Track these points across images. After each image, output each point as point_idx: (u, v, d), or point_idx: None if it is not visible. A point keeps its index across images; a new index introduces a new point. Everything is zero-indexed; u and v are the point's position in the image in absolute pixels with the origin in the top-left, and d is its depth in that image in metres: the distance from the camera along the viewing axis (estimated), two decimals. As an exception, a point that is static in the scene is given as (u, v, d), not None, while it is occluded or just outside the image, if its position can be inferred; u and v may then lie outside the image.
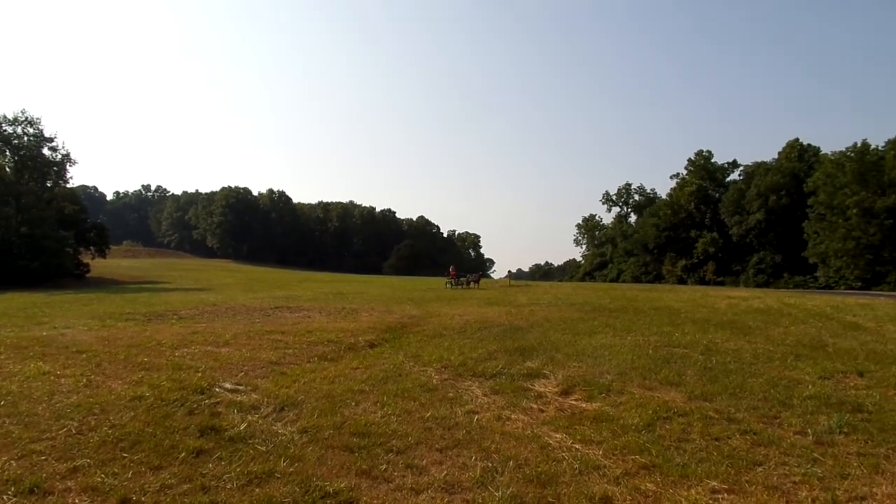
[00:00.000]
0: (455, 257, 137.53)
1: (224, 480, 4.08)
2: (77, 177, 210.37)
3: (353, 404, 6.20)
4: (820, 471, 4.29)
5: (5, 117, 43.83)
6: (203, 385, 6.80)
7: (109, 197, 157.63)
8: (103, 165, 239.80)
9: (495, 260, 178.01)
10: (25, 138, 44.83)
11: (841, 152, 62.42)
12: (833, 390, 6.76)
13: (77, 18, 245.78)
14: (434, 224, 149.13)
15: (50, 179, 49.73)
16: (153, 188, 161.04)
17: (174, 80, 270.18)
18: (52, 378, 7.14)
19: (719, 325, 13.22)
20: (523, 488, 3.99)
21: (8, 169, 44.18)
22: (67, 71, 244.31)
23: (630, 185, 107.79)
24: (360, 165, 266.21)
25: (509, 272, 56.46)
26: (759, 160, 80.00)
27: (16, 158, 44.85)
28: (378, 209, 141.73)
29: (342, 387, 6.97)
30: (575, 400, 6.48)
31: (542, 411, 6.06)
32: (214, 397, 6.35)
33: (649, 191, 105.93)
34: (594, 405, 6.22)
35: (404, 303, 20.41)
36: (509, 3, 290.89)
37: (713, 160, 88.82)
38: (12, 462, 4.37)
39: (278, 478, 4.14)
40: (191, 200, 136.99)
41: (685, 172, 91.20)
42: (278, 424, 5.43)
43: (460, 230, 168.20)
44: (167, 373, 7.49)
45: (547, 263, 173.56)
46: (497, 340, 10.61)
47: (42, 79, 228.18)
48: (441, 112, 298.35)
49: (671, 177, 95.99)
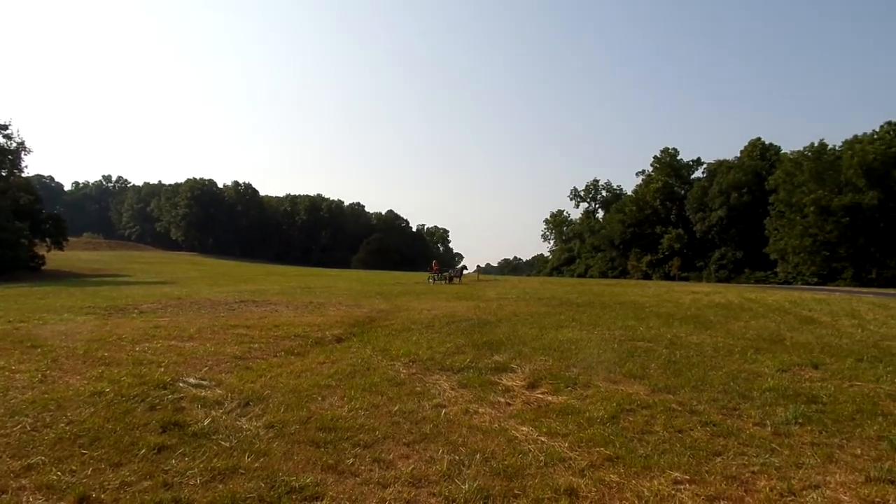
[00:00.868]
0: (424, 252, 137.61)
1: (187, 476, 4.01)
2: (32, 166, 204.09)
3: (320, 399, 6.14)
4: (777, 461, 4.42)
5: (-45, 103, 42.07)
6: (166, 380, 6.66)
7: (67, 187, 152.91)
8: (60, 154, 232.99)
9: (464, 255, 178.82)
10: (-23, 125, 43.18)
11: (799, 151, 64.20)
12: (790, 383, 6.97)
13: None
14: (403, 218, 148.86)
15: (4, 168, 48.07)
16: (114, 178, 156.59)
17: (136, 67, 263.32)
18: (6, 374, 6.91)
19: (683, 320, 13.50)
20: (490, 481, 4.02)
21: (-41, 157, 42.51)
22: (21, 54, 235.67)
23: (598, 182, 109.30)
24: (329, 159, 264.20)
25: (478, 267, 56.79)
26: (723, 158, 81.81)
27: (-33, 146, 43.19)
28: (347, 203, 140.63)
29: (309, 381, 6.90)
30: (541, 393, 6.55)
31: (510, 405, 6.10)
32: (177, 392, 6.23)
33: (616, 187, 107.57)
34: (560, 398, 6.29)
35: (373, 297, 20.32)
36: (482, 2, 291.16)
37: (679, 157, 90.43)
38: (-37, 460, 4.21)
39: (243, 473, 4.08)
40: (153, 192, 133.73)
41: (651, 169, 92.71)
42: (243, 420, 5.35)
43: (429, 224, 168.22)
44: (128, 368, 7.31)
45: (515, 258, 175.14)
46: (465, 335, 10.65)
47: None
48: (412, 107, 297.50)
49: (637, 173, 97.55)
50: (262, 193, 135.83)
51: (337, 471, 4.21)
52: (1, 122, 44.65)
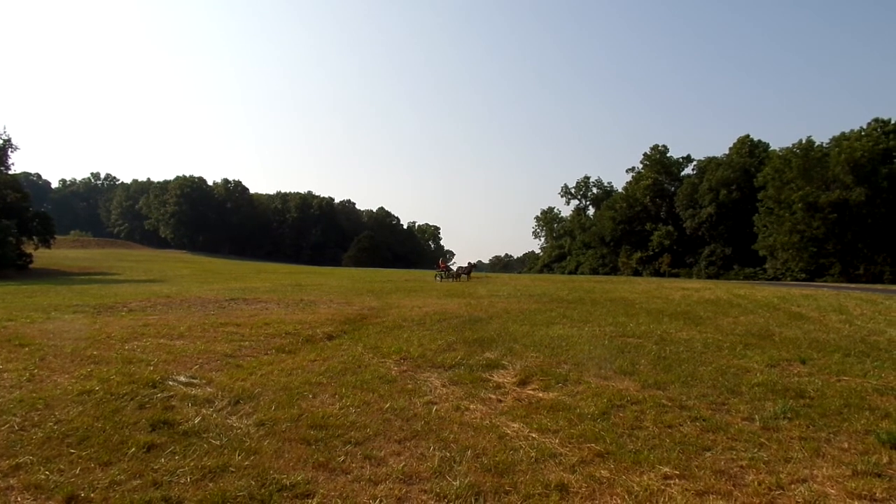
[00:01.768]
0: (415, 249, 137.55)
1: (177, 475, 3.99)
2: (19, 163, 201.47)
3: (311, 396, 6.13)
4: (765, 455, 4.46)
5: (-60, 100, 41.58)
6: (155, 378, 6.62)
7: (55, 185, 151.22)
8: (48, 152, 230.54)
9: (455, 252, 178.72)
10: (-37, 122, 42.61)
11: (788, 148, 64.63)
12: (778, 378, 7.03)
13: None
14: (394, 216, 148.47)
15: (-9, 166, 47.52)
16: (102, 176, 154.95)
17: (124, 62, 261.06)
18: (-7, 373, 6.84)
19: (673, 316, 13.57)
20: (481, 477, 4.03)
21: (-56, 154, 41.98)
22: (8, 50, 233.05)
23: (588, 179, 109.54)
24: (320, 156, 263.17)
25: (469, 264, 56.65)
26: (712, 155, 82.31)
27: (-48, 143, 42.66)
28: (337, 200, 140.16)
29: (300, 379, 6.88)
30: (532, 390, 6.56)
31: (501, 401, 6.12)
32: (167, 391, 6.19)
33: (607, 184, 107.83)
34: (551, 395, 6.31)
35: (364, 294, 20.28)
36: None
37: (668, 154, 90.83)
38: (-51, 461, 4.17)
39: (233, 472, 4.07)
40: (142, 189, 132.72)
41: (641, 166, 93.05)
42: (234, 418, 5.33)
43: (420, 222, 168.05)
44: (117, 366, 7.26)
45: (507, 255, 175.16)
46: (456, 332, 10.65)
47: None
48: (403, 105, 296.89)
49: (627, 170, 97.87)
50: (253, 191, 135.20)
51: (328, 468, 4.20)
52: (-13, 120, 44.10)
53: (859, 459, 4.34)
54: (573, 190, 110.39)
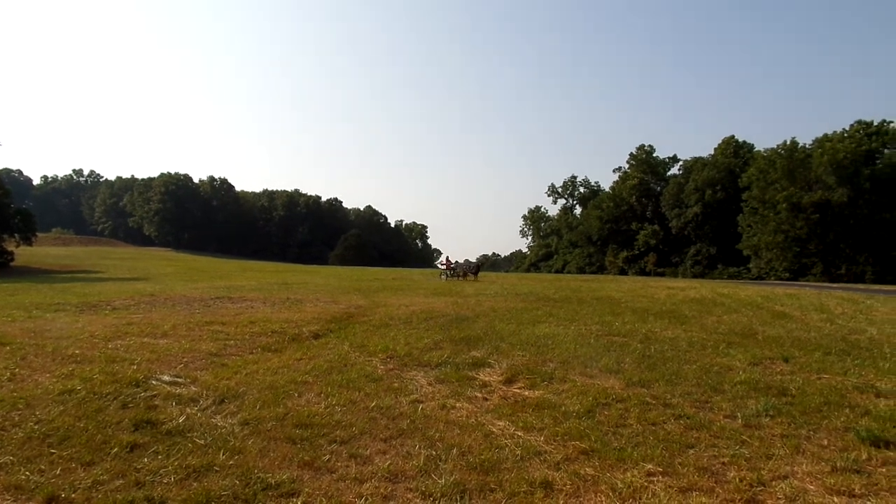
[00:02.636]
0: (402, 247, 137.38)
1: (160, 475, 3.96)
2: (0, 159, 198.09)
3: (297, 395, 6.11)
4: (747, 452, 4.51)
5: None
6: (139, 377, 6.56)
7: (36, 181, 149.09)
8: (29, 148, 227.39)
9: (442, 251, 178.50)
10: (-58, 118, 41.90)
11: (772, 149, 65.34)
12: (761, 376, 7.10)
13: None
14: (381, 214, 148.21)
15: (-29, 162, 46.71)
16: (86, 173, 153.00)
17: (108, 58, 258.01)
18: (-27, 372, 6.74)
19: (658, 315, 13.67)
20: (466, 475, 4.04)
21: (-77, 150, 41.20)
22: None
23: (575, 178, 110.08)
24: (306, 154, 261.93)
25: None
26: (698, 155, 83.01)
27: (-68, 139, 41.86)
28: (324, 198, 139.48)
29: (285, 378, 6.86)
30: (518, 388, 6.59)
31: (487, 400, 6.13)
32: (151, 390, 6.14)
33: (594, 183, 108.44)
34: (537, 393, 6.34)
35: (350, 293, 20.23)
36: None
37: (655, 154, 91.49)
38: (-73, 461, 4.11)
39: (218, 471, 4.05)
40: (126, 186, 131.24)
41: (627, 166, 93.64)
42: (218, 417, 5.30)
43: (408, 220, 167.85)
44: (100, 365, 7.18)
45: (494, 254, 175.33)
46: (443, 330, 10.66)
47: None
48: (390, 103, 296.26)
49: (614, 170, 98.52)
50: (239, 189, 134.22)
51: (313, 467, 4.19)
52: (-33, 115, 43.41)
53: (839, 456, 4.40)
54: (560, 189, 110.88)
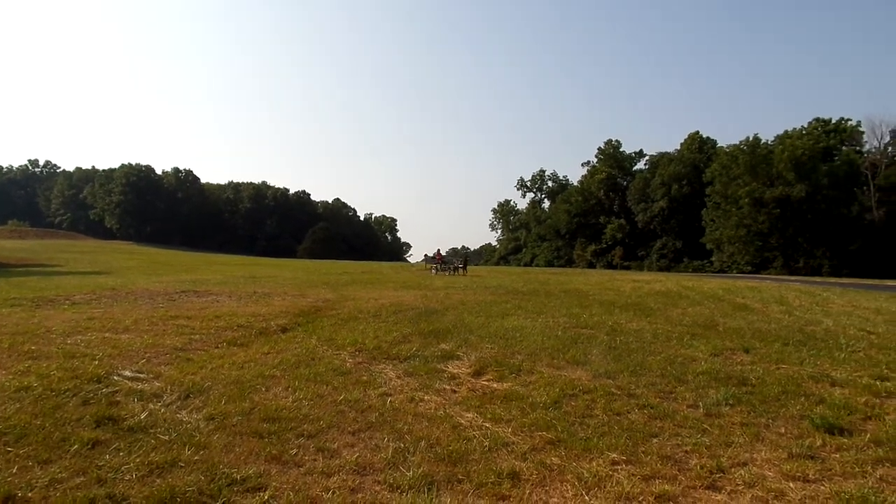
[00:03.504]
0: (372, 240, 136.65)
1: (122, 472, 3.88)
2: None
3: (264, 390, 6.04)
4: (708, 440, 4.63)
5: None
6: (99, 373, 6.39)
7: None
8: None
9: (412, 244, 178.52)
10: None
11: (735, 145, 66.92)
12: (722, 366, 7.29)
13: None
14: (350, 207, 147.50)
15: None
16: (41, 163, 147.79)
17: (64, 43, 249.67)
18: (-77, 369, 6.49)
19: (624, 307, 13.90)
20: (434, 467, 4.06)
21: None
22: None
23: (544, 172, 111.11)
24: (273, 146, 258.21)
25: (426, 256, 56.67)
26: (664, 150, 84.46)
27: None
28: (292, 191, 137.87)
29: (252, 372, 6.77)
30: (487, 380, 6.63)
31: (455, 392, 6.16)
32: (112, 386, 6.00)
33: (562, 178, 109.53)
34: (505, 385, 6.39)
35: (319, 286, 20.07)
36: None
37: (622, 149, 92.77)
38: None
39: (182, 467, 3.98)
40: (86, 178, 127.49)
41: (595, 160, 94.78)
42: (183, 412, 5.20)
43: (377, 213, 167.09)
44: (58, 361, 6.97)
45: (463, 248, 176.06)
46: (412, 323, 10.65)
47: None
48: (357, 94, 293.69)
49: (582, 164, 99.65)
50: (204, 180, 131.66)
51: (280, 461, 4.15)
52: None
53: (795, 443, 4.55)
54: (529, 183, 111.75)
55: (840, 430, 4.85)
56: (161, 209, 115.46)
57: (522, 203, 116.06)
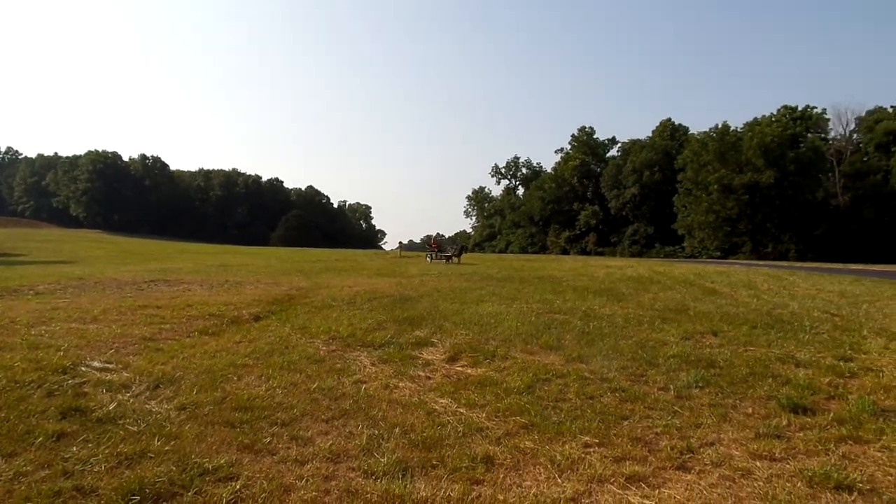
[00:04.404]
0: (346, 228, 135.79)
1: (90, 464, 3.80)
2: None
3: (236, 379, 5.97)
4: (678, 422, 4.71)
5: None
6: (65, 364, 6.24)
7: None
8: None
9: (387, 231, 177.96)
10: None
11: (705, 132, 67.82)
12: (692, 349, 7.42)
13: None
14: (324, 194, 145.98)
15: None
16: (3, 150, 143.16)
17: (23, 25, 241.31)
18: None
19: (597, 293, 14.05)
20: (408, 453, 4.06)
21: None
22: None
23: (518, 159, 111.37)
24: (244, 133, 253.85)
25: (400, 243, 56.59)
26: (636, 137, 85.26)
27: None
28: (265, 178, 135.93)
29: (224, 361, 6.68)
30: (461, 366, 6.65)
31: (430, 378, 6.17)
32: (79, 377, 5.86)
33: (536, 164, 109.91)
34: (479, 371, 6.42)
35: (292, 274, 19.88)
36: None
37: (595, 136, 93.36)
38: None
39: (152, 457, 3.91)
40: (49, 164, 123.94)
41: (569, 147, 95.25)
42: (153, 403, 5.12)
43: (351, 201, 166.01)
44: (22, 353, 6.79)
45: (438, 234, 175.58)
46: (386, 311, 10.62)
47: None
48: (329, 81, 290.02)
49: (556, 151, 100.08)
50: (174, 167, 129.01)
51: (253, 450, 4.12)
52: None
53: (762, 423, 4.67)
54: (503, 170, 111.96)
55: (804, 410, 4.98)
56: (129, 197, 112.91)
57: (497, 190, 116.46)
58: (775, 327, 9.10)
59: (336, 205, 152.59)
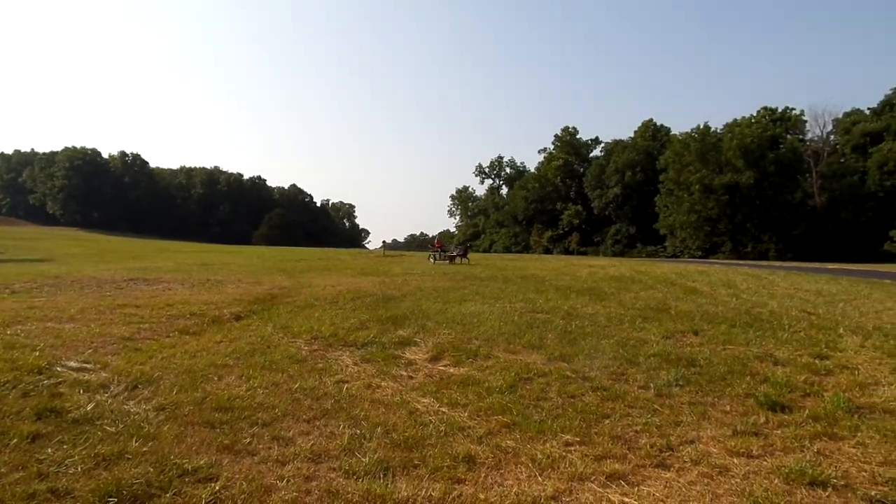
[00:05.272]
0: (329, 227, 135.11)
1: (66, 465, 3.74)
2: None
3: (216, 379, 5.91)
4: (658, 420, 4.76)
5: None
6: (41, 364, 6.13)
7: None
8: None
9: (370, 230, 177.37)
10: None
11: (687, 133, 68.49)
12: (673, 348, 7.49)
13: None
14: (307, 193, 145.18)
15: None
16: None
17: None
18: None
19: (579, 292, 14.13)
20: (390, 453, 4.05)
21: None
22: None
23: (502, 158, 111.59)
24: (226, 131, 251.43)
25: (384, 242, 56.50)
26: (619, 138, 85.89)
27: None
28: (246, 176, 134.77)
29: (204, 361, 6.61)
30: (444, 366, 6.66)
31: (412, 378, 6.16)
32: (55, 377, 5.76)
33: (520, 164, 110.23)
34: (462, 370, 6.42)
35: (275, 273, 19.74)
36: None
37: (578, 136, 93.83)
38: None
39: (130, 459, 3.86)
40: (25, 161, 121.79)
41: (552, 147, 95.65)
42: (131, 403, 5.05)
43: (335, 200, 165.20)
44: (-3, 353, 6.66)
45: (422, 234, 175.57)
46: (369, 310, 10.59)
47: None
48: (310, 80, 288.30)
49: (539, 151, 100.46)
50: (154, 165, 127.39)
51: (233, 451, 4.08)
52: None
53: (740, 420, 4.73)
54: (487, 169, 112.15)
55: (782, 408, 5.06)
56: (108, 194, 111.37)
57: (481, 189, 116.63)
58: (754, 326, 9.23)
59: (319, 203, 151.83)
